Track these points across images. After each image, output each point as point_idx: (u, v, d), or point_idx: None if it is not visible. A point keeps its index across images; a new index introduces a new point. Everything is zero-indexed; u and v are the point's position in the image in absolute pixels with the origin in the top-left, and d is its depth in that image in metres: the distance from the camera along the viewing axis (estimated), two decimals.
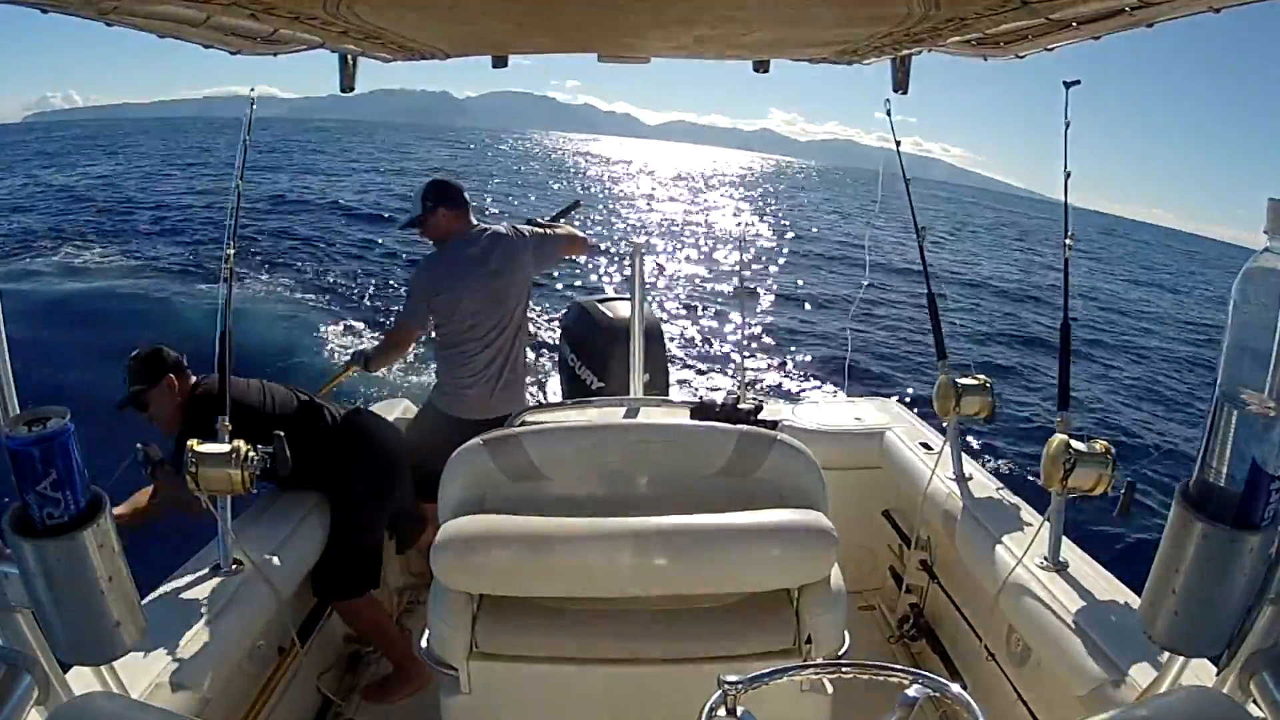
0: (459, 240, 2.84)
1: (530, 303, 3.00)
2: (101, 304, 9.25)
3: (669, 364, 3.56)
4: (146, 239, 14.20)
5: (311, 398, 2.56)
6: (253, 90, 2.28)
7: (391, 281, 11.53)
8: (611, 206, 30.48)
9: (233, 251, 2.19)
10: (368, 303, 10.60)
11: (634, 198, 37.72)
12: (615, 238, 19.00)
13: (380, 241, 14.77)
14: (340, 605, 2.44)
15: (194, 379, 2.39)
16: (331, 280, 11.73)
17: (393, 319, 3.06)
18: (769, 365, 9.29)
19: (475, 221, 2.92)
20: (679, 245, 20.85)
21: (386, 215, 17.84)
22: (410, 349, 3.42)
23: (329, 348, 8.34)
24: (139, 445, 2.14)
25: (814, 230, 28.43)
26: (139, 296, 9.74)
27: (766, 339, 10.36)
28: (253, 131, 2.24)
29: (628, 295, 2.85)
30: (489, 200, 24.90)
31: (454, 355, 2.86)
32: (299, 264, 12.67)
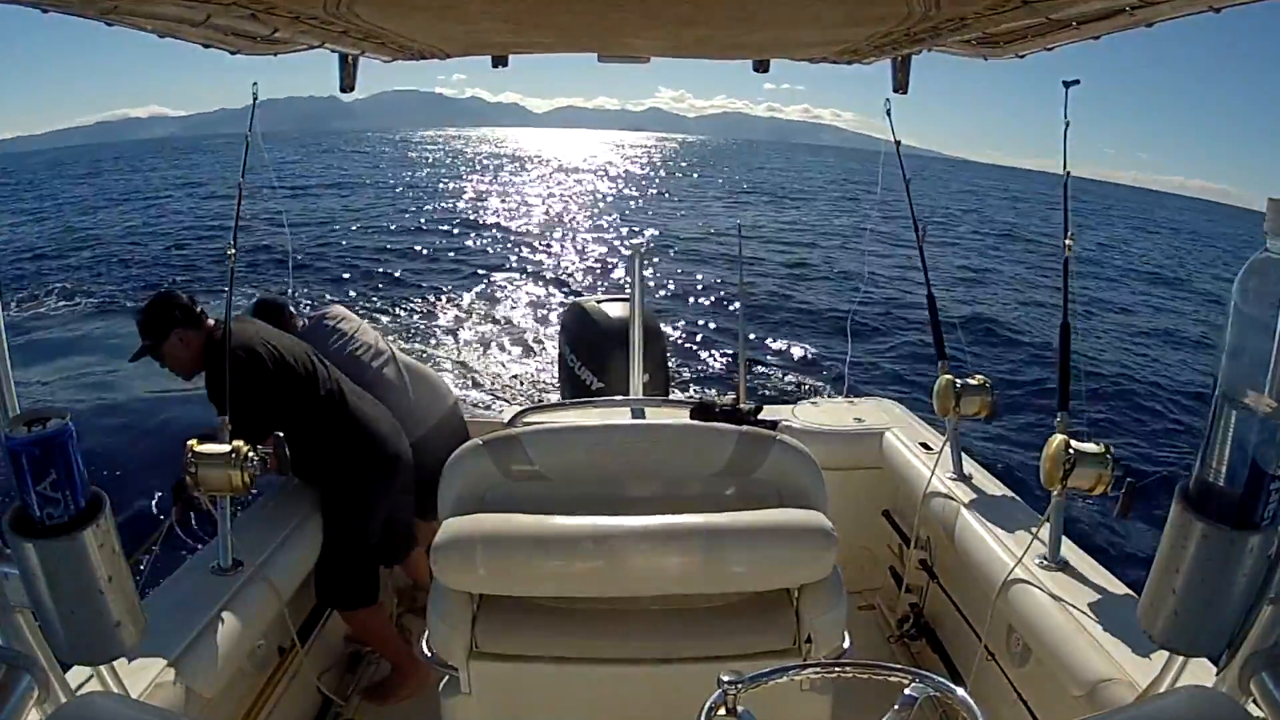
0: None
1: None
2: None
3: (669, 364, 3.56)
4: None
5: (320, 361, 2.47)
6: (255, 86, 2.28)
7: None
8: (505, 199, 30.27)
9: (234, 252, 2.21)
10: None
11: (524, 189, 37.15)
12: (503, 233, 19.13)
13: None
14: (347, 614, 2.44)
15: (211, 322, 2.33)
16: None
17: None
18: (769, 365, 9.29)
19: None
20: (569, 233, 21.11)
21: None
22: None
23: None
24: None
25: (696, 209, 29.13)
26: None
27: (767, 339, 10.37)
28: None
29: (627, 295, 2.85)
30: (389, 210, 24.08)
31: None
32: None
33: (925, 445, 2.77)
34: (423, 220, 22.52)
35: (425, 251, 17.00)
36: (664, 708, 1.63)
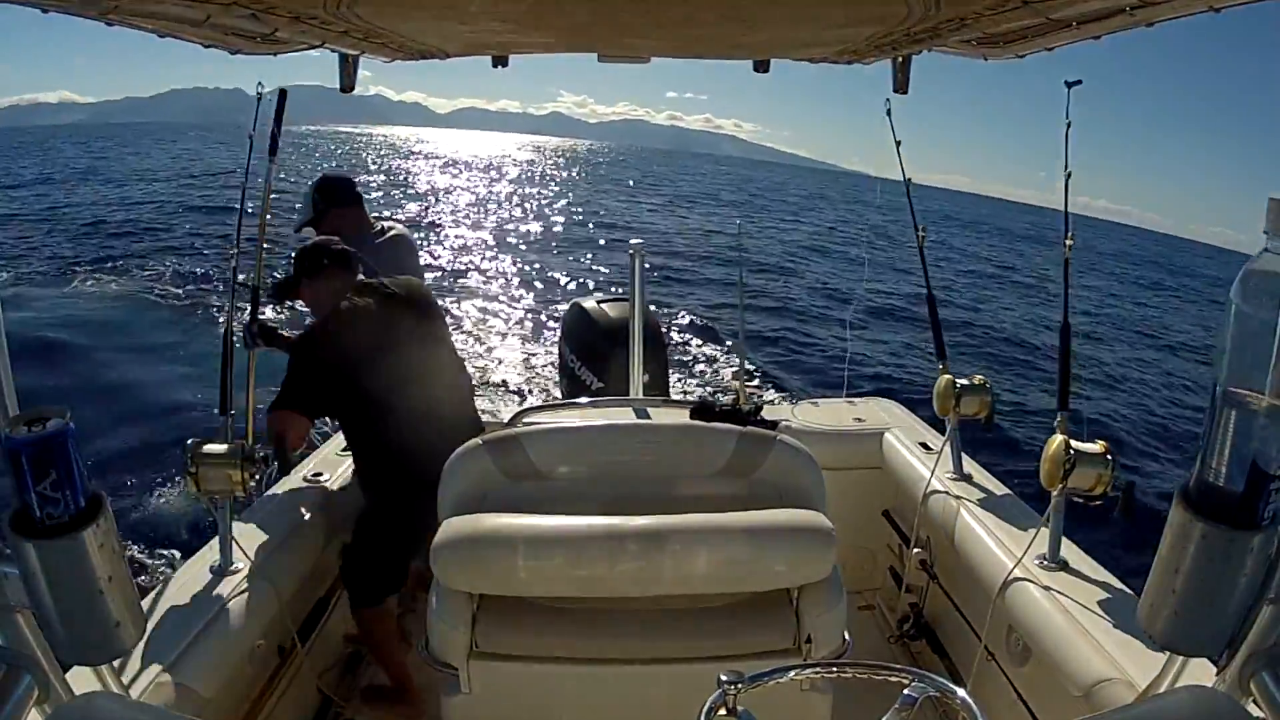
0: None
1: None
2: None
3: (669, 364, 3.56)
4: None
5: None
6: (259, 86, 2.30)
7: None
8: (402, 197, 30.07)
9: (235, 251, 2.21)
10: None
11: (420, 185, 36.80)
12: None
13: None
14: (360, 611, 2.38)
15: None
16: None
17: None
18: (769, 365, 9.30)
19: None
20: (467, 229, 21.28)
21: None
22: None
23: None
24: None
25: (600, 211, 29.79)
26: None
27: (767, 339, 10.37)
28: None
29: (627, 295, 2.85)
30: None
31: None
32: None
33: (925, 445, 2.77)
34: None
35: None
36: (664, 708, 1.63)
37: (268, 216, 2.30)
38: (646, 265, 2.75)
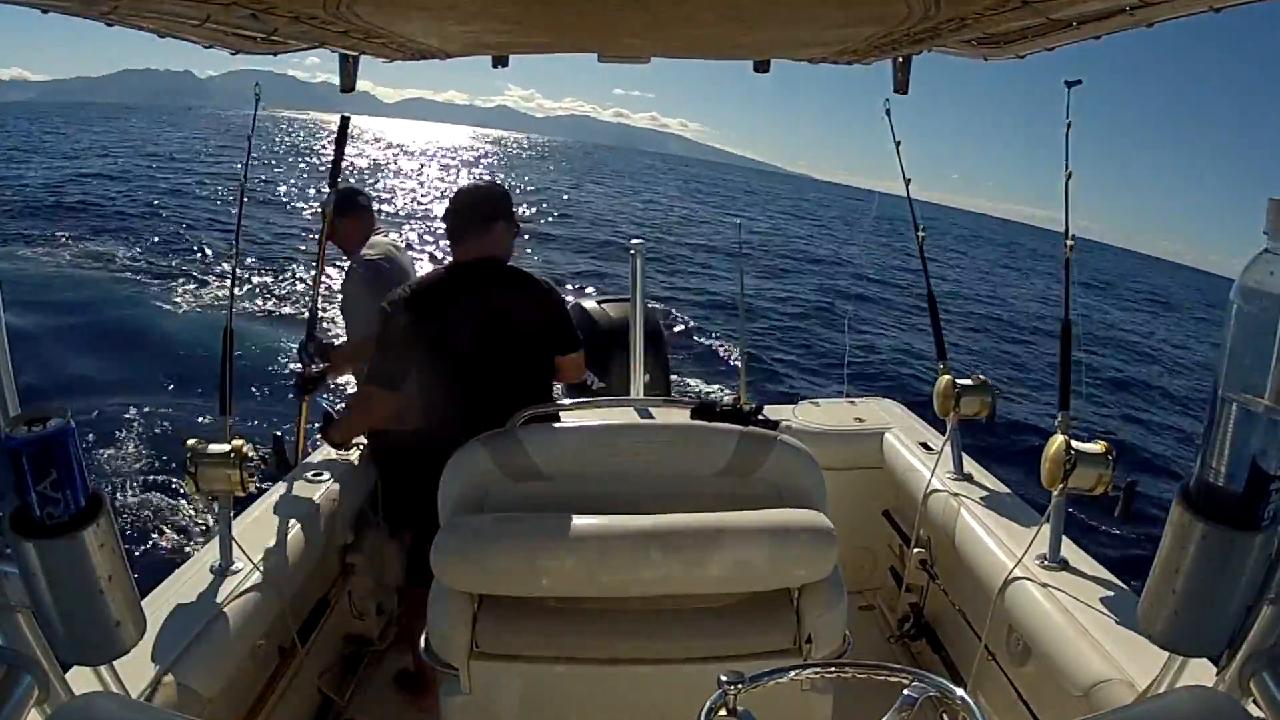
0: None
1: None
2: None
3: (670, 364, 3.57)
4: None
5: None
6: (257, 86, 2.30)
7: None
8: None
9: (237, 251, 2.22)
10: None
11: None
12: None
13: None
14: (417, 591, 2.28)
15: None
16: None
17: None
18: (769, 365, 9.30)
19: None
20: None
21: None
22: None
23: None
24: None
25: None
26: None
27: (767, 338, 10.37)
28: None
29: (628, 295, 2.85)
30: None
31: None
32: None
33: (925, 445, 2.77)
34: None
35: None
36: (664, 708, 1.63)
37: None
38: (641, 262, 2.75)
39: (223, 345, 2.10)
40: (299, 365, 2.73)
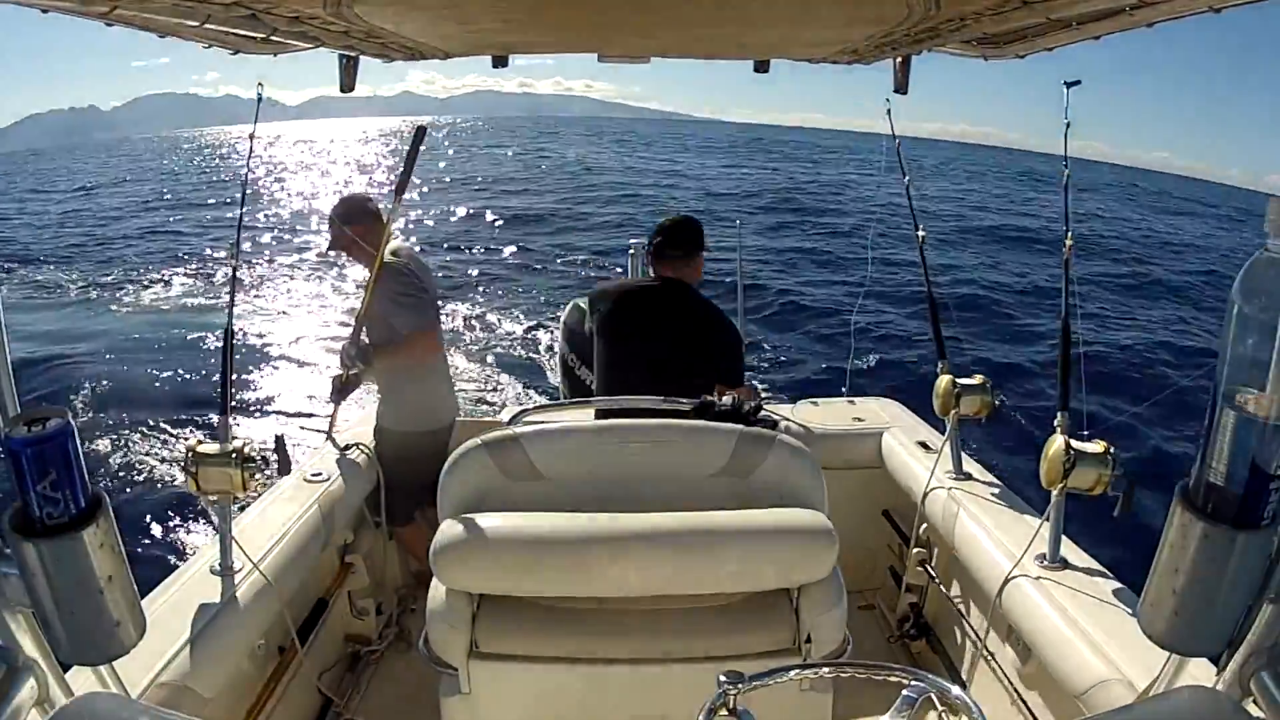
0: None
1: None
2: None
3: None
4: None
5: None
6: (260, 87, 2.29)
7: None
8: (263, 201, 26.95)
9: (237, 253, 2.22)
10: None
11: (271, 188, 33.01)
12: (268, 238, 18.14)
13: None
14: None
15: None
16: None
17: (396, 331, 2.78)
18: (769, 365, 9.30)
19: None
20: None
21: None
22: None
23: None
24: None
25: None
26: None
27: (767, 338, 10.37)
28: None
29: None
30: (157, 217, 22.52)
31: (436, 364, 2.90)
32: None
33: (925, 445, 2.77)
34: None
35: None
36: (664, 708, 1.63)
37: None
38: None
39: (223, 346, 2.10)
40: (339, 369, 2.79)
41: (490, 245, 17.12)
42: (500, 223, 20.27)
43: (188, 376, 7.96)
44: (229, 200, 22.96)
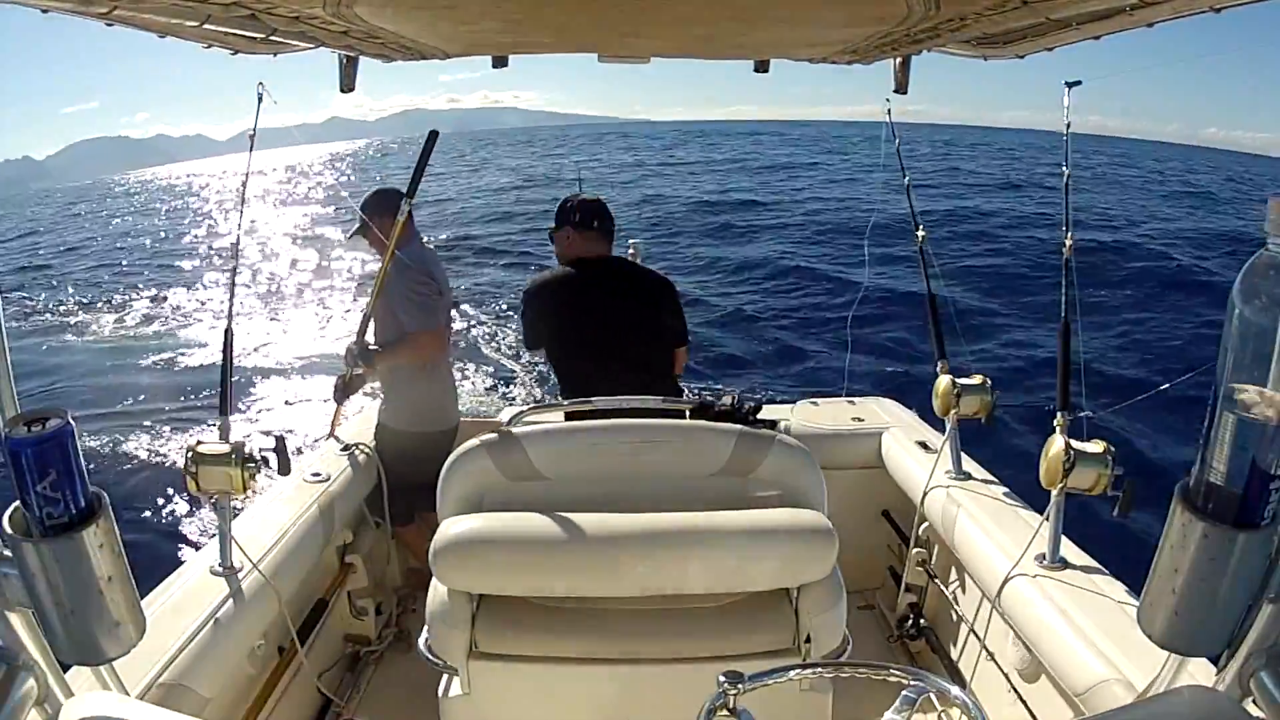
0: (422, 245, 2.83)
1: None
2: None
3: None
4: None
5: None
6: (260, 86, 2.29)
7: None
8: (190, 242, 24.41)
9: (236, 254, 2.22)
10: None
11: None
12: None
13: None
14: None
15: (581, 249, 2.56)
16: None
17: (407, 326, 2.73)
18: (770, 364, 9.29)
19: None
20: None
21: None
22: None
23: None
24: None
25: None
26: None
27: (768, 338, 10.37)
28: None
29: None
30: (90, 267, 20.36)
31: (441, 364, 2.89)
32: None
33: (925, 445, 2.77)
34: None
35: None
36: (664, 708, 1.63)
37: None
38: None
39: (223, 346, 2.10)
40: (342, 369, 2.77)
41: (486, 251, 17.06)
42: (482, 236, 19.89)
43: (187, 377, 7.96)
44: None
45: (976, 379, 2.49)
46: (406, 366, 2.78)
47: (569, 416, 2.27)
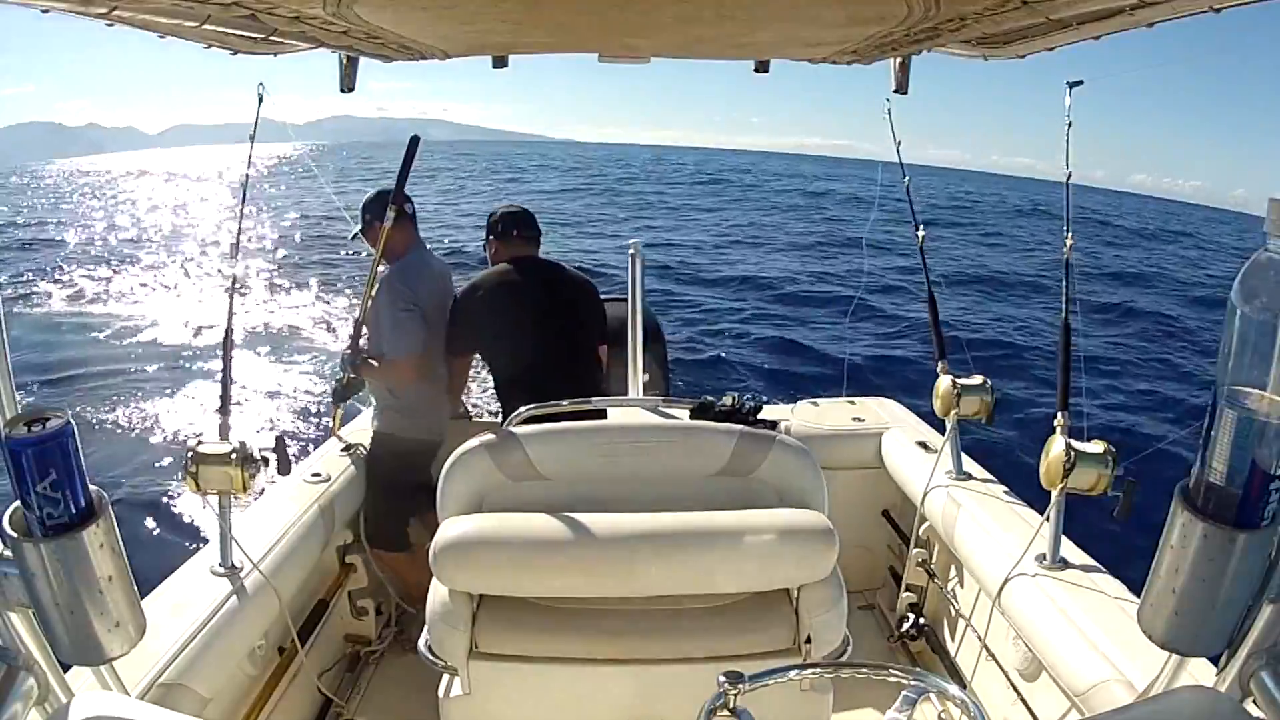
0: (418, 258, 2.76)
1: None
2: None
3: (669, 364, 3.56)
4: None
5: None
6: (260, 86, 2.28)
7: None
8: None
9: (236, 254, 2.22)
10: None
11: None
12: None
13: None
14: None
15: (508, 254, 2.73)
16: None
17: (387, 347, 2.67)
18: (769, 364, 9.30)
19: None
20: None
21: None
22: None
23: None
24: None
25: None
26: None
27: (768, 339, 10.37)
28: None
29: (626, 295, 2.85)
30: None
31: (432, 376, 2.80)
32: None
33: (925, 445, 2.77)
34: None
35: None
36: (664, 708, 1.63)
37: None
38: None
39: (223, 347, 2.10)
40: (340, 373, 2.74)
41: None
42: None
43: (187, 377, 7.97)
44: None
45: (977, 379, 2.49)
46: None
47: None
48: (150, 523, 5.04)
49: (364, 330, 2.73)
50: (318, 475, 2.52)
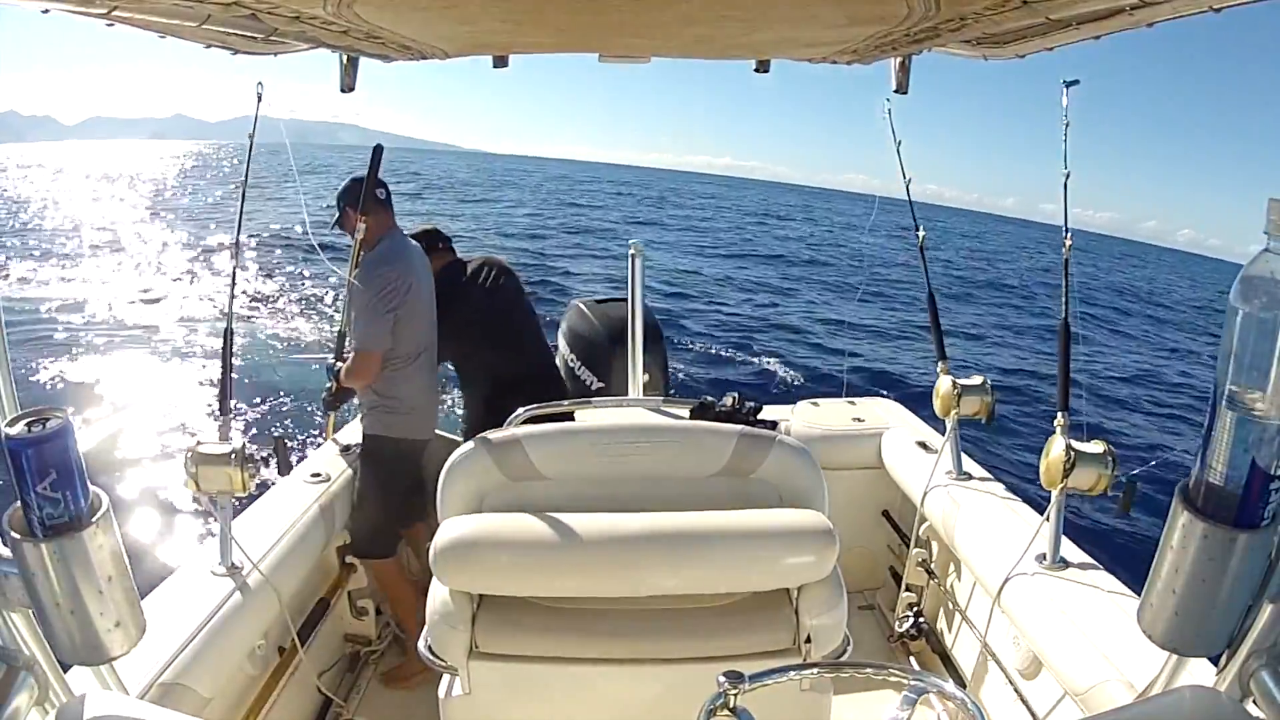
0: (398, 241, 2.68)
1: None
2: None
3: (668, 364, 3.57)
4: None
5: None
6: (259, 86, 2.28)
7: None
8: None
9: (237, 253, 2.23)
10: None
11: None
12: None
13: None
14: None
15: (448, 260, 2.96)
16: None
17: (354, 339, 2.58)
18: (769, 364, 9.30)
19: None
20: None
21: None
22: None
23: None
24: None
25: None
26: None
27: (769, 338, 10.38)
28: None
29: (626, 295, 2.85)
30: None
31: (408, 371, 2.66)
32: None
33: (925, 445, 2.77)
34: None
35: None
36: (664, 708, 1.63)
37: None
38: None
39: (223, 347, 2.11)
40: (328, 380, 2.71)
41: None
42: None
43: (187, 377, 7.96)
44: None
45: (977, 379, 2.49)
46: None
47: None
48: (150, 523, 5.04)
49: (347, 340, 2.67)
50: (317, 475, 2.52)
